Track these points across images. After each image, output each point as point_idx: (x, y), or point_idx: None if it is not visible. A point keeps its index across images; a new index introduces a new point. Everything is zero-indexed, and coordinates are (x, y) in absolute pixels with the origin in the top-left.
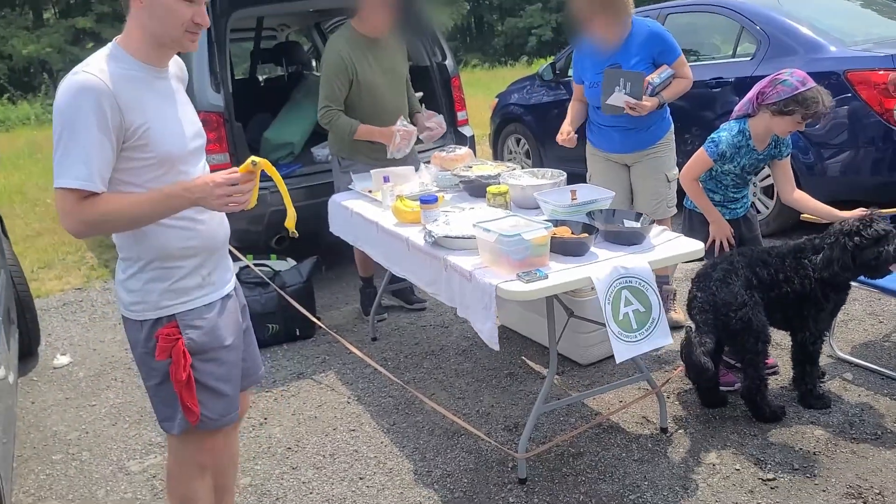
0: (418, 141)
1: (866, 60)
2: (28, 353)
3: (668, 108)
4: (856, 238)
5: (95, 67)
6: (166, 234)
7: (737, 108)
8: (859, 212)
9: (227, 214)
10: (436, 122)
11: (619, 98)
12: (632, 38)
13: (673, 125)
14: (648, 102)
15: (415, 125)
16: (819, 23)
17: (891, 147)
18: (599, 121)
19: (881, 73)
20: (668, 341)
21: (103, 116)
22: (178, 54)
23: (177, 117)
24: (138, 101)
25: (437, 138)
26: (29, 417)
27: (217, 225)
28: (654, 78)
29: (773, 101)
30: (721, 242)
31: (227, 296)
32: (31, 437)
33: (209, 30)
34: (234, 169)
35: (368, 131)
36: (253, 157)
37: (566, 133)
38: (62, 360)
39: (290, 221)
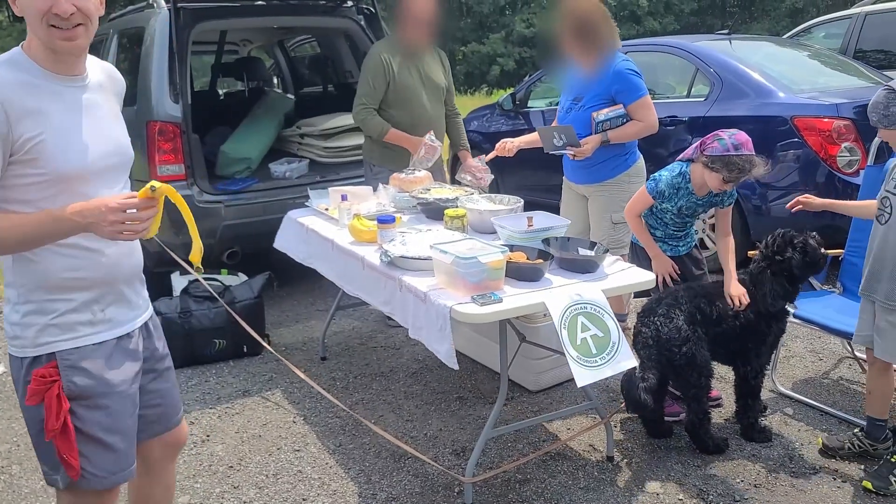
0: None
1: (812, 108)
2: None
3: (635, 150)
4: (776, 257)
5: None
6: (49, 261)
7: (686, 151)
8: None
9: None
10: (482, 172)
11: (559, 150)
12: (605, 71)
13: (638, 168)
14: (589, 143)
15: (461, 160)
16: (769, 69)
17: (833, 191)
18: None
19: (826, 120)
20: (633, 363)
21: None
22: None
23: (84, 131)
24: (34, 110)
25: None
26: None
27: (121, 255)
28: (600, 115)
29: (706, 154)
30: (664, 278)
31: (128, 335)
32: None
33: (170, 40)
34: (133, 193)
35: (398, 136)
36: (152, 183)
37: (509, 143)
38: None
39: (196, 254)
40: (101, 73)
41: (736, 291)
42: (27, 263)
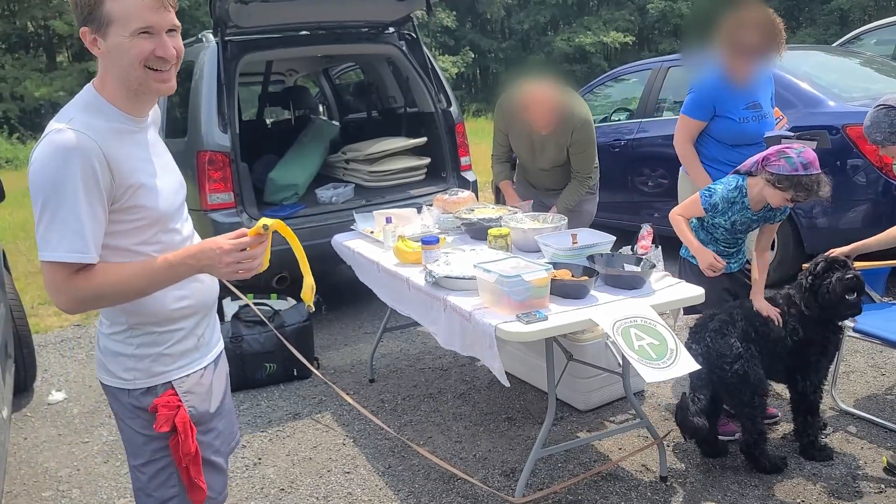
0: None
1: (865, 116)
2: (23, 388)
3: None
4: (809, 277)
5: (80, 122)
6: (160, 295)
7: (744, 163)
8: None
9: None
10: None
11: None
12: (765, 75)
13: None
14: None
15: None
16: (818, 79)
17: (890, 201)
18: (729, 158)
19: None
20: (696, 366)
21: (94, 179)
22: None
23: (163, 171)
24: (127, 157)
25: None
26: (20, 453)
27: (211, 280)
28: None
29: (771, 171)
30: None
31: (220, 354)
32: (22, 472)
33: (218, 72)
34: (244, 230)
35: (506, 189)
36: (264, 220)
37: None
38: (57, 396)
39: (307, 292)
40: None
41: (762, 306)
42: (140, 300)
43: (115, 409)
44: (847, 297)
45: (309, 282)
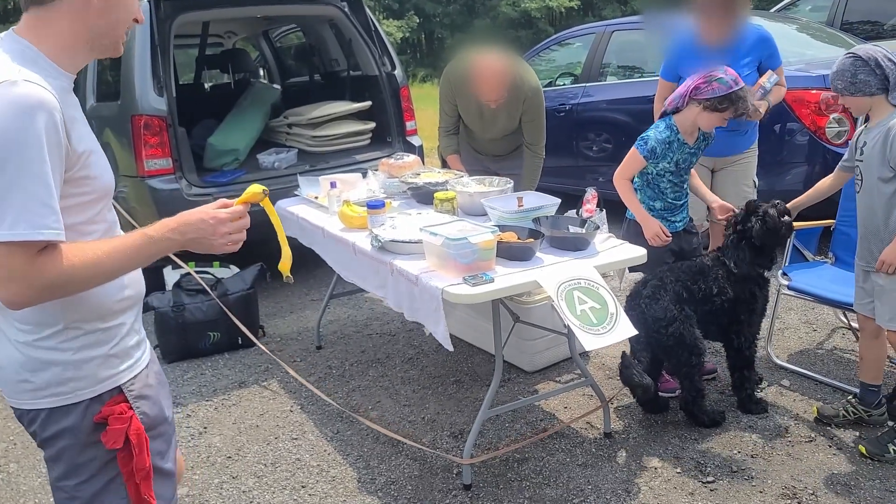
0: None
1: (800, 80)
2: None
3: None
4: (731, 230)
5: (31, 75)
6: (104, 286)
7: (667, 101)
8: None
9: None
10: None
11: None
12: (742, 39)
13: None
14: (763, 107)
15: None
16: None
17: (822, 162)
18: None
19: (814, 92)
20: (634, 332)
21: (57, 141)
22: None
23: (98, 139)
24: (76, 120)
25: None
26: None
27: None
28: (766, 83)
29: (707, 96)
30: (658, 244)
31: (150, 353)
32: None
33: (152, 33)
34: (224, 201)
35: (454, 163)
36: (259, 186)
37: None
38: None
39: (285, 263)
40: None
41: (716, 203)
42: (82, 293)
43: (47, 434)
44: (785, 218)
45: (287, 252)
